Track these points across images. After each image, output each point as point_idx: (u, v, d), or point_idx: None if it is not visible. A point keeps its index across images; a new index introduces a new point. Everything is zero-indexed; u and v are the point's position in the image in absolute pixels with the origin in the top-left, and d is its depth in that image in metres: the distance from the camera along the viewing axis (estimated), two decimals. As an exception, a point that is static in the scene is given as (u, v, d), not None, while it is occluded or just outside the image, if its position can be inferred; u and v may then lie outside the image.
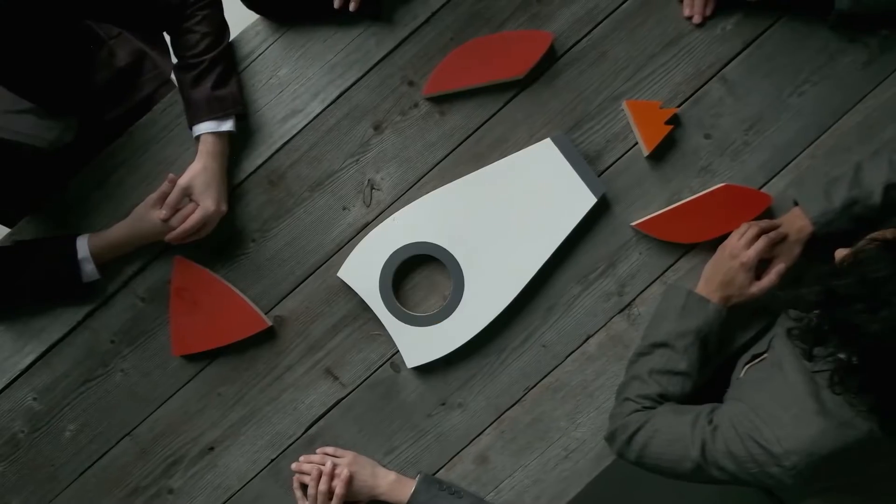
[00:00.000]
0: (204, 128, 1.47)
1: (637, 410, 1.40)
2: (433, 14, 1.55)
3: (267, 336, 1.56)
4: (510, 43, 1.53)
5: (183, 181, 1.45)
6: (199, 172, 1.46)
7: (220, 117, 1.47)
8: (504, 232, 1.52)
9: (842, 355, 1.16)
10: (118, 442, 1.57)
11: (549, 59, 1.55)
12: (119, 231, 1.50)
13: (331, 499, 1.49)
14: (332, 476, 1.49)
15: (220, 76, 1.48)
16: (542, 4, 1.55)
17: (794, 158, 1.53)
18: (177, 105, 1.55)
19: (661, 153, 1.54)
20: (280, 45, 1.57)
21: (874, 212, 1.37)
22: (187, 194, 1.46)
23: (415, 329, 1.53)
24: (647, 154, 1.52)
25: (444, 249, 1.52)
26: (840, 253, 1.20)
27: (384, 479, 1.51)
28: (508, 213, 1.52)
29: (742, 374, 1.41)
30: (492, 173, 1.53)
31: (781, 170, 1.53)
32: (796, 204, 1.45)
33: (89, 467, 1.57)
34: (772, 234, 1.41)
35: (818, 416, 1.21)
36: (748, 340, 1.51)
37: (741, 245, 1.41)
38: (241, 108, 1.51)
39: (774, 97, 1.53)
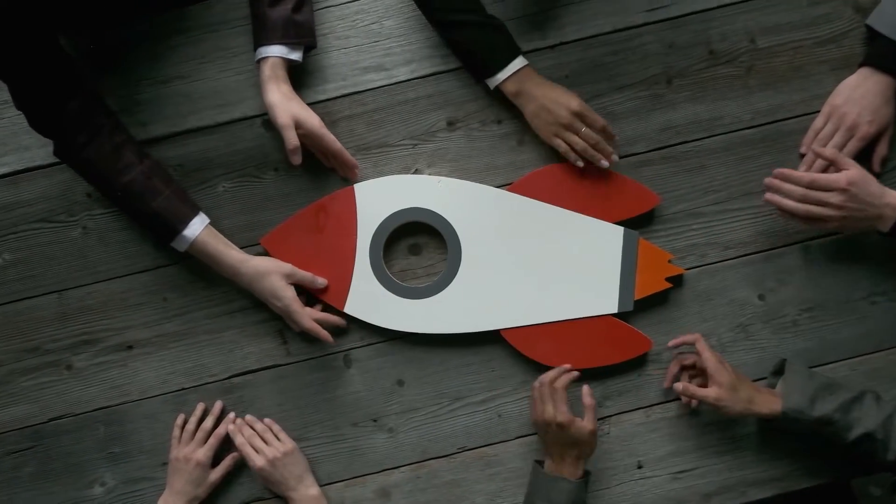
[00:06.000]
0: (276, 51, 1.36)
1: None
2: (561, 43, 1.45)
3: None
4: (614, 187, 1.42)
5: (286, 120, 1.34)
6: (293, 96, 1.37)
7: (293, 44, 1.37)
8: (520, 268, 1.42)
9: None
10: (44, 294, 1.46)
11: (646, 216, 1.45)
12: (231, 259, 1.38)
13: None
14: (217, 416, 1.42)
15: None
16: (671, 89, 1.45)
17: (835, 361, 1.43)
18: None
19: (710, 293, 1.43)
20: (400, -4, 1.47)
21: (839, 441, 1.30)
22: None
23: (377, 287, 1.42)
24: (636, 298, 1.41)
25: (458, 242, 1.42)
26: None
27: (305, 490, 1.40)
28: (536, 258, 1.42)
29: None
30: (551, 214, 1.42)
31: (815, 366, 1.42)
32: (776, 373, 1.38)
33: (2, 304, 1.46)
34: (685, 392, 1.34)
35: None
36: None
37: (551, 410, 1.32)
38: (313, 40, 1.41)
39: (847, 292, 1.43)
